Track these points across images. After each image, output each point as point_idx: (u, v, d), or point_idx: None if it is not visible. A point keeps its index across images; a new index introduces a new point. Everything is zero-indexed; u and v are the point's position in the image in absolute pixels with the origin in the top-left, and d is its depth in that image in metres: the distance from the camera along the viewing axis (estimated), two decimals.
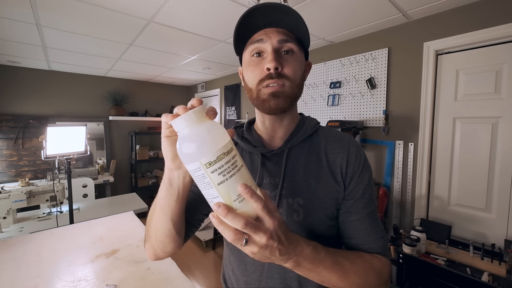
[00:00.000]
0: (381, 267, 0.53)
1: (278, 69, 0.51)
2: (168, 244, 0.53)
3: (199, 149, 0.33)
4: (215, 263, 2.64)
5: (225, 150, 0.34)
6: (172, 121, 0.35)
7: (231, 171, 0.34)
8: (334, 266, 0.45)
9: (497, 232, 1.58)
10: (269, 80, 0.52)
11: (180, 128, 0.35)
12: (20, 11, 1.68)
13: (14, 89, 3.21)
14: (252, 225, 0.34)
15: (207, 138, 0.34)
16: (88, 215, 1.98)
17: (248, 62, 0.55)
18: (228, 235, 0.34)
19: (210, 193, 0.35)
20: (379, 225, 0.57)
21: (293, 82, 0.53)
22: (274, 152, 0.59)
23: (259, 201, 0.34)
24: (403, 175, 1.95)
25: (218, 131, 0.35)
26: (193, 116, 0.34)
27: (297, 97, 0.56)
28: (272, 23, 0.53)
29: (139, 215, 1.86)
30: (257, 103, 0.56)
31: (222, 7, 1.63)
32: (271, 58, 0.51)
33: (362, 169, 0.57)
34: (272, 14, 0.51)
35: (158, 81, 4.37)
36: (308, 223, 0.55)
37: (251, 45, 0.54)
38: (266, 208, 0.35)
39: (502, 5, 1.47)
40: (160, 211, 0.50)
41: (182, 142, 0.35)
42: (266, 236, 0.34)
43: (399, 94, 1.95)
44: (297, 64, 0.54)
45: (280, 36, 0.52)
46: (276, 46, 0.52)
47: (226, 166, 0.34)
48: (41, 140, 1.71)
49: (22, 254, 1.20)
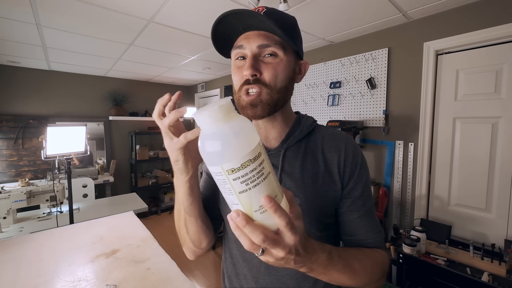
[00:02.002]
0: (383, 261, 0.55)
1: (256, 75, 0.51)
2: (203, 240, 0.60)
3: (222, 153, 0.29)
4: (215, 263, 2.63)
5: (251, 157, 0.30)
6: (194, 114, 0.31)
7: (255, 180, 0.30)
8: (345, 268, 0.46)
9: (497, 232, 1.58)
10: (247, 85, 0.52)
11: (202, 124, 0.31)
12: (20, 11, 1.68)
13: (14, 89, 3.21)
14: (271, 240, 0.32)
15: (233, 141, 0.30)
16: (88, 215, 1.98)
17: (233, 66, 0.56)
18: (244, 242, 0.32)
19: (230, 198, 0.32)
20: (376, 220, 0.59)
21: (272, 88, 0.52)
22: (271, 153, 0.59)
23: (283, 217, 0.31)
24: (403, 175, 1.95)
25: (246, 133, 0.31)
26: (218, 113, 0.30)
27: (279, 102, 0.54)
28: (251, 26, 0.51)
29: (139, 215, 1.86)
30: (239, 108, 0.56)
31: (222, 7, 1.63)
32: (248, 65, 0.50)
33: (360, 167, 0.57)
34: (246, 20, 0.50)
35: (158, 81, 4.37)
36: (306, 223, 0.55)
37: (234, 50, 0.55)
38: (289, 225, 0.32)
39: (502, 5, 1.47)
40: (188, 217, 0.55)
41: (205, 140, 0.31)
42: (284, 252, 0.33)
43: (399, 94, 1.95)
44: (279, 68, 0.52)
45: (260, 41, 0.51)
46: (256, 51, 0.51)
47: (251, 174, 0.30)
48: (41, 140, 1.71)
49: (22, 254, 1.20)
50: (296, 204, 0.36)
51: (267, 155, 0.33)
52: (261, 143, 0.32)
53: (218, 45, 0.56)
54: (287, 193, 0.35)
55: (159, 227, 3.53)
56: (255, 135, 0.32)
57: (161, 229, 3.43)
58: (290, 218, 0.32)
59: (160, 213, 4.14)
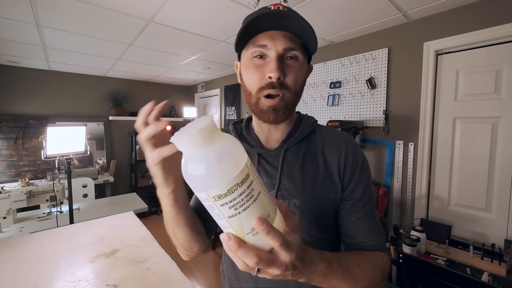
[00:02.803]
0: (383, 264, 0.54)
1: (280, 78, 0.50)
2: (194, 245, 0.57)
3: (206, 179, 0.27)
4: (215, 263, 2.63)
5: (238, 180, 0.27)
6: (173, 139, 0.29)
7: (245, 204, 0.28)
8: (345, 276, 0.45)
9: (497, 232, 1.58)
10: (270, 89, 0.50)
11: (183, 150, 0.29)
12: (20, 11, 1.68)
13: (14, 89, 3.21)
14: (266, 261, 0.31)
15: (217, 167, 0.27)
16: (88, 215, 1.98)
17: (249, 64, 0.53)
18: (238, 264, 0.32)
19: (220, 222, 0.31)
20: (377, 222, 0.57)
21: (293, 91, 0.52)
22: (271, 153, 0.59)
23: (276, 238, 0.30)
24: (403, 175, 1.95)
25: (232, 156, 0.28)
26: (198, 138, 0.27)
27: (295, 105, 0.55)
28: (279, 27, 0.50)
29: (139, 215, 1.86)
30: (254, 111, 0.54)
31: (222, 7, 1.63)
32: (275, 66, 0.48)
33: (360, 168, 0.56)
34: (279, 20, 0.49)
35: (158, 81, 4.37)
36: (305, 224, 0.55)
37: (253, 47, 0.51)
38: (283, 245, 0.31)
39: (502, 5, 1.47)
40: (175, 226, 0.52)
41: (187, 166, 0.29)
42: (280, 270, 0.32)
43: (399, 94, 1.95)
44: (299, 71, 0.52)
45: (287, 43, 0.50)
46: (281, 53, 0.50)
47: (239, 198, 0.28)
48: (41, 140, 1.71)
49: (22, 254, 1.20)
50: (292, 215, 0.35)
51: (256, 174, 0.31)
52: (249, 163, 0.30)
53: (241, 39, 0.53)
54: (281, 206, 0.34)
55: (159, 227, 3.53)
56: (242, 156, 0.29)
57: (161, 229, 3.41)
58: (284, 237, 0.31)
59: (160, 213, 4.14)
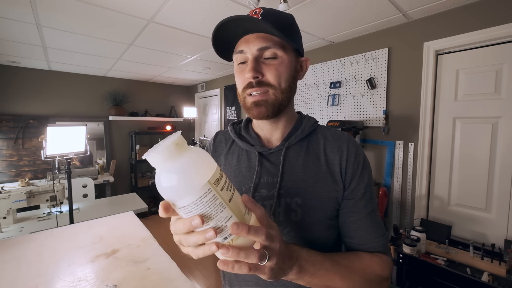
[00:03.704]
0: (382, 267, 0.53)
1: (258, 77, 0.52)
2: None
3: (203, 169, 0.32)
4: (215, 263, 2.63)
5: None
6: (145, 155, 0.31)
7: (230, 185, 0.34)
8: (334, 267, 0.47)
9: (497, 232, 1.58)
10: (250, 88, 0.53)
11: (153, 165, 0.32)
12: (20, 11, 1.68)
13: (14, 89, 3.20)
14: (269, 234, 0.36)
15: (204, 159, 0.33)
16: (88, 215, 1.98)
17: (236, 69, 0.57)
18: (246, 268, 0.34)
19: (223, 215, 0.32)
20: (379, 223, 0.57)
21: (276, 88, 0.53)
22: (272, 151, 0.59)
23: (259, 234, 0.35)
24: (403, 175, 1.95)
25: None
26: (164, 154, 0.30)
27: (283, 102, 0.55)
28: (250, 30, 0.52)
29: (139, 215, 1.86)
30: (244, 109, 0.58)
31: (222, 7, 1.63)
32: (249, 68, 0.52)
33: (362, 168, 0.57)
34: (245, 25, 0.50)
35: (158, 81, 4.37)
36: (307, 223, 0.55)
37: (235, 54, 0.55)
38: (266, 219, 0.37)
39: (502, 5, 1.47)
40: None
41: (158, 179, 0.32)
42: (279, 244, 0.37)
43: (399, 94, 1.95)
44: (280, 68, 0.53)
45: (259, 44, 0.51)
46: (256, 54, 0.52)
47: (228, 181, 0.34)
48: (41, 140, 1.71)
49: (22, 254, 1.20)
50: (268, 220, 0.38)
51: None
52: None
53: (219, 50, 0.57)
54: (257, 211, 0.37)
55: (159, 227, 3.53)
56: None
57: (161, 229, 3.42)
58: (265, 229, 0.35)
59: None
